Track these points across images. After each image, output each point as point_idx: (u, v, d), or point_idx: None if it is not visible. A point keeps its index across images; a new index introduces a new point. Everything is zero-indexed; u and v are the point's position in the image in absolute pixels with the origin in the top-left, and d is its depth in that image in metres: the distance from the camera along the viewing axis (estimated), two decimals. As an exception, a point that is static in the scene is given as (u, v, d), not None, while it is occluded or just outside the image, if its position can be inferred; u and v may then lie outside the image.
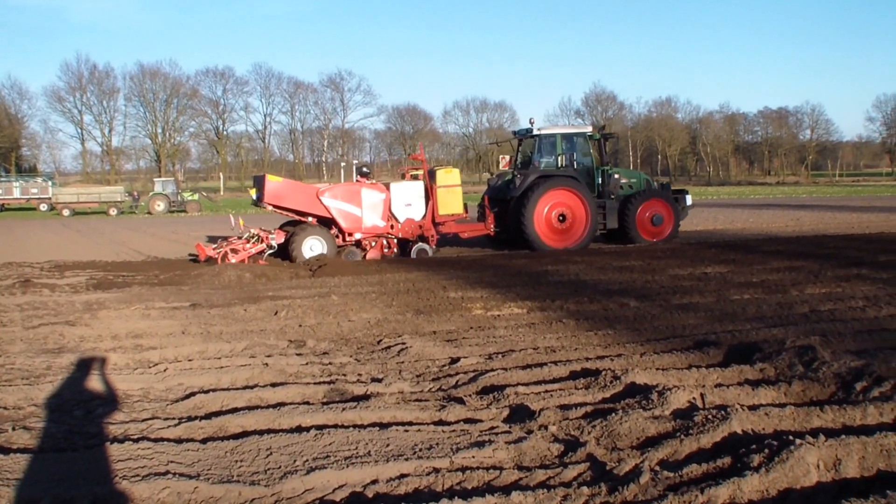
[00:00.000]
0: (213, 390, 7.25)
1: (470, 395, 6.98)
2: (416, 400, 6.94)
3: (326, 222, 20.80)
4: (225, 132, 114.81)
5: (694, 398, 6.52)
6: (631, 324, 10.21)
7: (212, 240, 23.80)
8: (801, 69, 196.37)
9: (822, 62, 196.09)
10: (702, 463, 5.12)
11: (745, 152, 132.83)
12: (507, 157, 24.94)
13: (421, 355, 8.61)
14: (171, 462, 5.28)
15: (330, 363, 8.31)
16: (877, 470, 5.14)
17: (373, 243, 21.25)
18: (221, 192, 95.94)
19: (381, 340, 9.47)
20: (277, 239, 20.21)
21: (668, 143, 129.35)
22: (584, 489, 4.82)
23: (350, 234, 20.81)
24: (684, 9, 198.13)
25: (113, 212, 58.40)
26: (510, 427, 6.01)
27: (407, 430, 5.87)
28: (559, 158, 23.09)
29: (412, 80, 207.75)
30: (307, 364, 8.21)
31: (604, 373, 7.23)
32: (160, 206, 58.86)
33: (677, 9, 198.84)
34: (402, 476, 5.10)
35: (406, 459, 5.30)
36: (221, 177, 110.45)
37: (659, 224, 23.28)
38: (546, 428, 5.90)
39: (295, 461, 5.29)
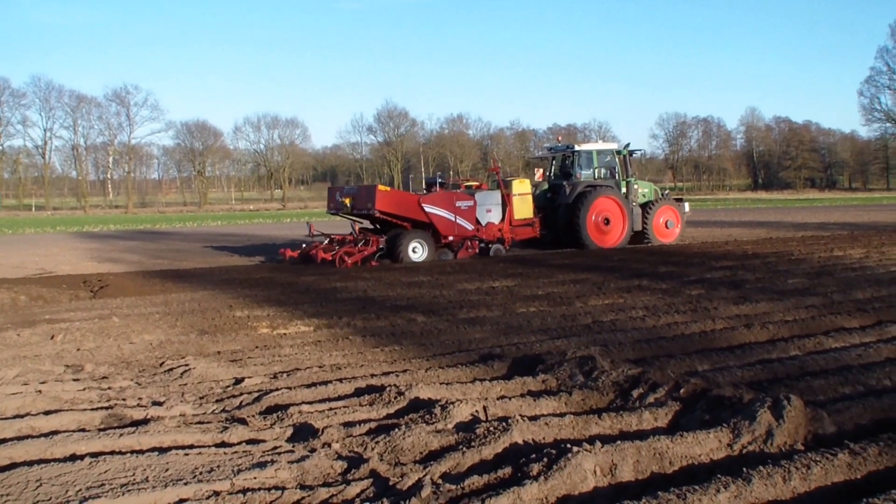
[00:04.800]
0: (-21, 421, 6.85)
1: (253, 416, 6.85)
2: (199, 422, 6.76)
3: (422, 226, 23.22)
4: (0, 147, 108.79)
5: (477, 411, 6.60)
6: (417, 339, 10.29)
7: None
8: (589, 88, 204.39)
9: (609, 81, 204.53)
10: (483, 474, 5.18)
11: (535, 167, 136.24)
12: (541, 170, 29.29)
13: (204, 376, 8.41)
14: (-72, 500, 4.96)
15: (109, 388, 7.98)
16: (650, 473, 5.33)
17: (460, 245, 23.80)
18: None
19: (163, 362, 9.18)
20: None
21: (460, 158, 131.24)
22: (367, 505, 4.82)
23: (445, 238, 23.55)
24: (473, 27, 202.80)
25: None
26: (293, 446, 5.93)
27: (187, 454, 5.69)
28: (595, 171, 27.29)
29: (201, 95, 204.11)
30: (84, 389, 7.87)
31: (388, 389, 7.24)
32: (-72, 226, 55.31)
33: (465, 27, 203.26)
34: (182, 501, 4.94)
35: (185, 484, 5.14)
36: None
37: (671, 227, 27.81)
38: (329, 445, 5.86)
39: (67, 491, 5.04)
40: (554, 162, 29.03)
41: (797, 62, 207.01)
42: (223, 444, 6.08)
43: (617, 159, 27.72)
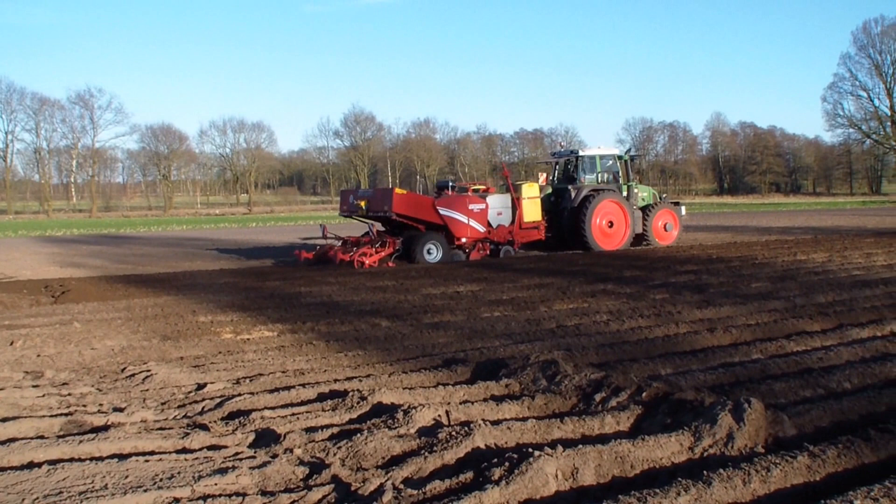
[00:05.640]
0: (-66, 431, 6.72)
1: (215, 422, 6.82)
2: (160, 428, 6.70)
3: (435, 228, 24.00)
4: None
5: (439, 416, 6.59)
6: (381, 344, 10.27)
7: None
8: (556, 93, 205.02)
9: (576, 85, 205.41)
10: (445, 479, 5.18)
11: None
12: (545, 175, 29.11)
13: (166, 382, 8.34)
14: None
15: (69, 394, 7.90)
16: (612, 476, 5.35)
17: (472, 246, 24.72)
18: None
19: (125, 368, 9.10)
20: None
21: (427, 163, 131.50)
22: (328, 511, 4.80)
23: (458, 239, 24.30)
24: (440, 32, 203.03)
25: None
26: (255, 452, 5.90)
27: (148, 460, 5.64)
28: (598, 175, 28.08)
29: (166, 98, 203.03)
30: (44, 396, 7.78)
31: (351, 394, 7.22)
32: None
33: (433, 31, 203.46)
34: (141, 508, 4.91)
35: (145, 490, 5.09)
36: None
37: (669, 230, 28.81)
38: (291, 451, 5.83)
39: (24, 500, 4.97)
40: (557, 166, 29.80)
41: (762, 68, 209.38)
42: (184, 451, 6.03)
43: (619, 164, 28.65)
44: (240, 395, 7.57)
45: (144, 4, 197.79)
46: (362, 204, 23.95)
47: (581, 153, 28.37)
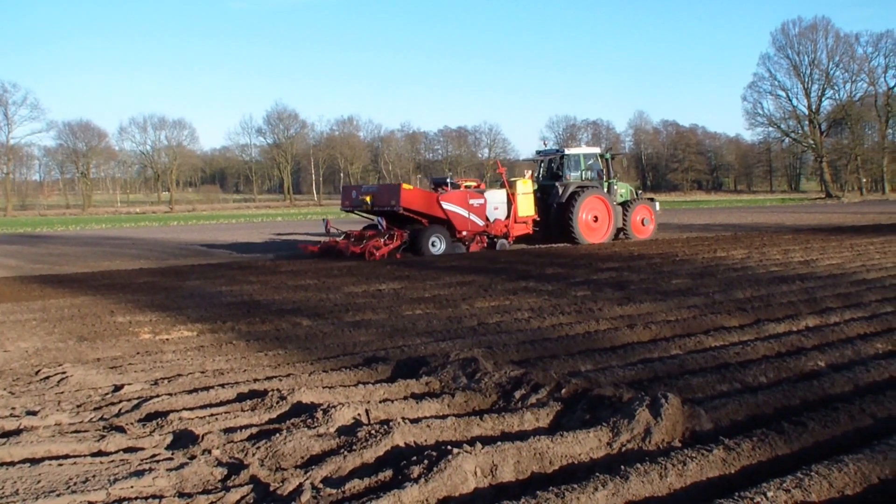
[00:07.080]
0: None
1: (132, 423, 6.69)
2: (75, 431, 6.56)
3: (438, 222, 25.06)
4: None
5: (359, 414, 6.56)
6: (302, 343, 10.20)
7: None
8: (480, 91, 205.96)
9: (500, 84, 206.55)
10: (364, 478, 5.15)
11: (426, 169, 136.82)
12: (530, 172, 30.17)
13: (82, 384, 8.17)
14: None
15: (-21, 398, 7.73)
16: (531, 473, 5.36)
17: (471, 239, 25.95)
18: None
19: (39, 370, 8.88)
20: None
21: (351, 161, 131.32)
22: (246, 512, 4.75)
23: (459, 232, 25.58)
24: (362, 29, 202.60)
25: None
26: (173, 453, 5.81)
27: (61, 464, 5.51)
28: (582, 173, 29.62)
29: (85, 95, 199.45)
30: (-48, 400, 7.60)
31: (270, 393, 7.15)
32: None
33: (355, 29, 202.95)
34: (53, 513, 4.81)
35: (58, 495, 4.97)
36: None
37: (646, 225, 30.45)
38: (209, 452, 5.76)
39: (-72, 508, 4.86)
40: (542, 164, 31.21)
41: (684, 67, 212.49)
42: (100, 453, 5.92)
43: (601, 162, 30.40)
44: (158, 396, 7.46)
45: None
46: (367, 199, 24.91)
47: (567, 152, 29.90)
